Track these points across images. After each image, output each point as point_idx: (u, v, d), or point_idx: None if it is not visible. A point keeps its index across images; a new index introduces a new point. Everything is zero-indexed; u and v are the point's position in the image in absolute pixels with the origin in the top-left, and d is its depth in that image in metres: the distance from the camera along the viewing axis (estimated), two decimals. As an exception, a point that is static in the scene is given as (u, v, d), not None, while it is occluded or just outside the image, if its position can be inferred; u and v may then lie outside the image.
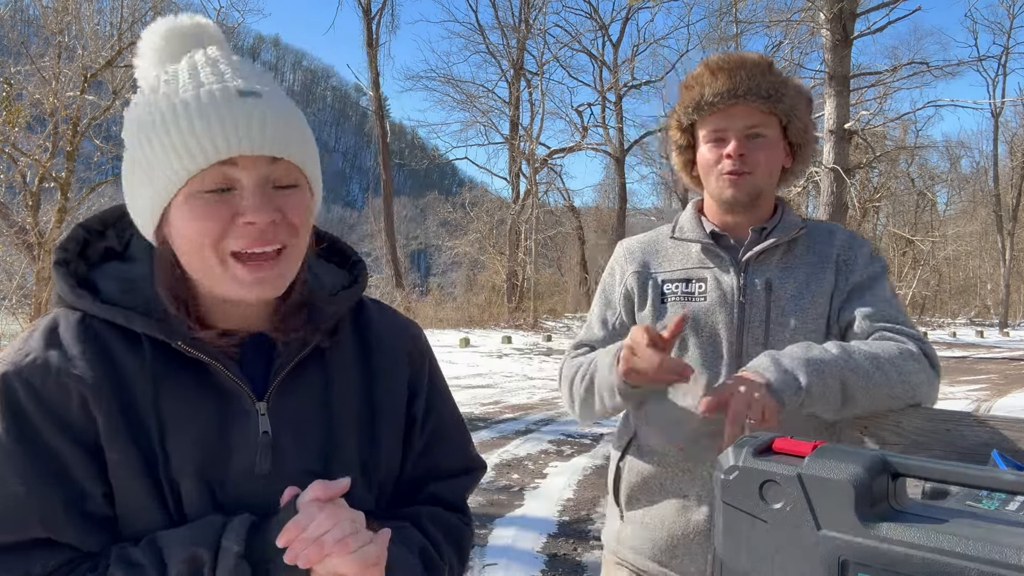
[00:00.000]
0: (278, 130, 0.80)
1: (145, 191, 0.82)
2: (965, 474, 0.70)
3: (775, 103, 1.44)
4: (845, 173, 12.34)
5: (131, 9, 17.47)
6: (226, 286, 0.81)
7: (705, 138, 1.48)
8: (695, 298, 1.48)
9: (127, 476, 0.80)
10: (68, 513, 0.78)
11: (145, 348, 0.82)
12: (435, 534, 0.96)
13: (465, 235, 30.89)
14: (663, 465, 1.48)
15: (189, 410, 0.82)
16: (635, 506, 1.54)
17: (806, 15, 13.72)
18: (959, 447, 1.24)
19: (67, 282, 0.84)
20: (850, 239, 1.51)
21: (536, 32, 29.02)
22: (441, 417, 1.04)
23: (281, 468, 0.85)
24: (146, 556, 0.77)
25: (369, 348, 0.97)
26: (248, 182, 0.79)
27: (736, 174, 1.44)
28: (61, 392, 0.78)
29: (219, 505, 0.83)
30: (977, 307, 40.35)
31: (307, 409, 0.89)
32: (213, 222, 0.78)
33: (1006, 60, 34.67)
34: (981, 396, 10.61)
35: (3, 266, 15.79)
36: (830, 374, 1.26)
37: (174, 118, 0.78)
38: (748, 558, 0.76)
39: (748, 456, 0.77)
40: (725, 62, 1.46)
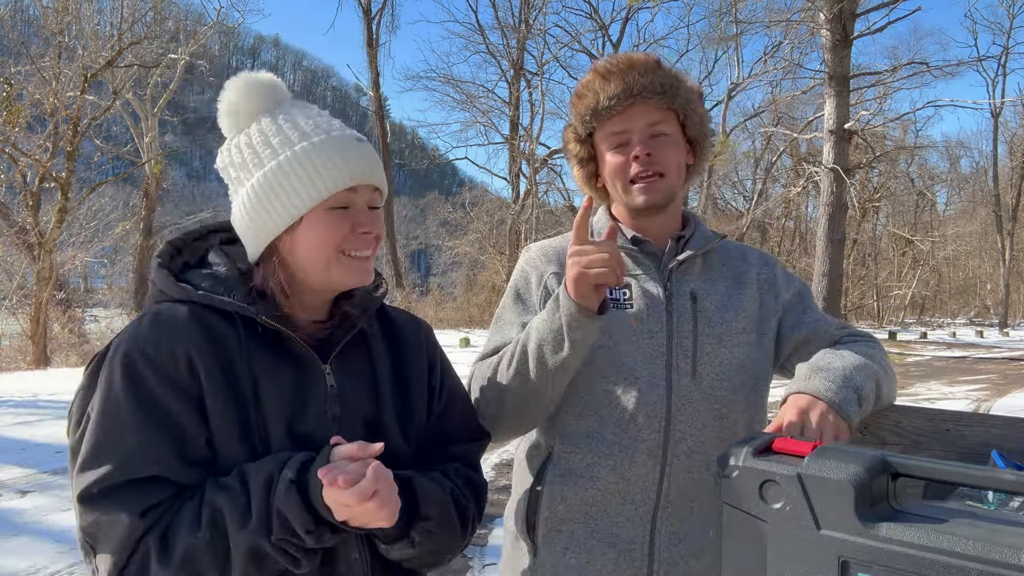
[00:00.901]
0: (376, 167, 1.12)
1: (274, 210, 1.08)
2: (965, 474, 0.70)
3: (672, 98, 1.41)
4: (845, 173, 12.35)
5: (131, 9, 17.48)
6: (342, 276, 1.10)
7: (607, 145, 1.43)
8: (621, 305, 1.41)
9: (225, 421, 1.01)
10: (176, 458, 0.99)
11: (238, 324, 1.06)
12: (459, 483, 1.18)
13: (465, 235, 30.91)
14: (590, 486, 1.36)
15: (274, 370, 1.06)
16: (555, 538, 1.39)
17: (806, 15, 13.74)
18: (959, 447, 1.24)
19: (171, 280, 1.09)
20: (763, 261, 1.52)
21: (536, 32, 29.04)
22: (451, 390, 1.28)
23: (346, 413, 1.11)
24: (234, 480, 0.99)
25: (394, 335, 1.24)
26: (361, 203, 1.11)
27: (648, 178, 1.39)
28: (171, 358, 1.00)
29: (299, 441, 1.04)
30: (977, 307, 40.38)
31: (359, 372, 1.16)
32: (339, 230, 1.08)
33: (1006, 60, 34.71)
34: (981, 396, 10.61)
35: (3, 266, 15.79)
36: (872, 378, 1.25)
37: (315, 154, 1.07)
38: (748, 558, 0.76)
39: (748, 456, 0.77)
40: (614, 65, 1.42)
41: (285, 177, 1.07)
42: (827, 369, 1.22)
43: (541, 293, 1.46)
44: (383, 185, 1.14)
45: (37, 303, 14.64)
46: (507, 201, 29.97)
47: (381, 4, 26.28)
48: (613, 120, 1.42)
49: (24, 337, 15.16)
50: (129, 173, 20.90)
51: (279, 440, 1.04)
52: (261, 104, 1.12)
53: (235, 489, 0.97)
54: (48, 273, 14.64)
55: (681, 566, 1.34)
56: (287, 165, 1.07)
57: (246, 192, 1.09)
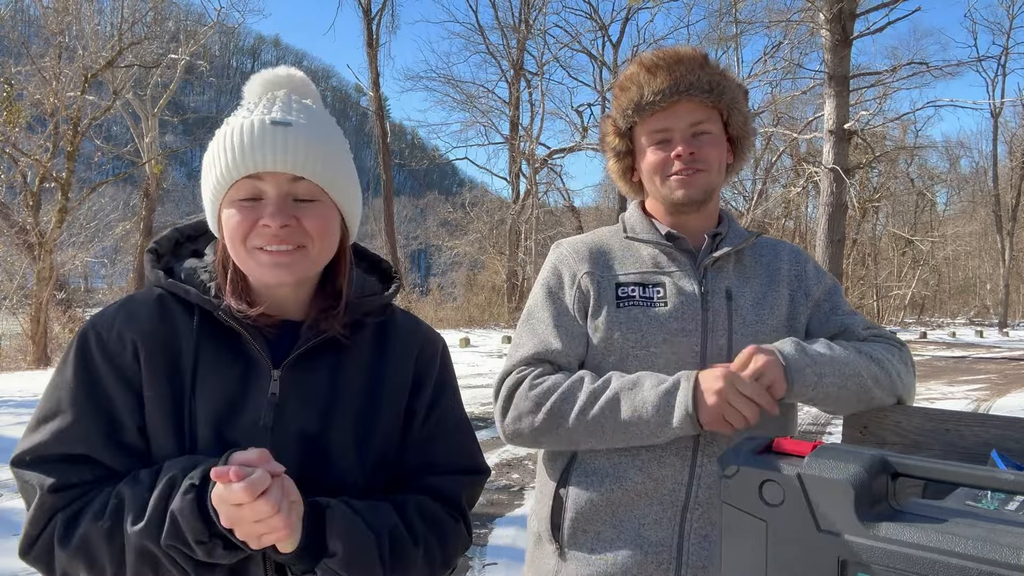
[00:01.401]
0: (298, 154, 0.99)
1: (205, 196, 1.05)
2: (965, 474, 0.70)
3: (718, 96, 1.38)
4: (845, 173, 12.35)
5: (131, 9, 17.47)
6: (253, 270, 1.02)
7: (648, 140, 1.41)
8: (655, 303, 1.37)
9: (157, 413, 0.98)
10: (106, 440, 0.97)
11: (195, 315, 1.03)
12: (414, 519, 1.05)
13: (465, 235, 30.91)
14: (617, 487, 1.33)
15: (219, 368, 1.01)
16: (581, 539, 1.35)
17: (806, 15, 13.74)
18: (959, 447, 1.24)
19: (150, 265, 1.08)
20: (795, 254, 1.49)
21: (536, 32, 29.04)
22: (445, 416, 1.15)
23: (281, 425, 1.02)
24: (148, 474, 0.95)
25: (385, 346, 1.14)
26: (271, 194, 1.00)
27: (689, 174, 1.37)
28: (120, 342, 0.99)
29: (225, 445, 0.97)
30: (977, 307, 40.37)
31: (315, 383, 1.05)
32: (242, 224, 0.99)
33: (1005, 60, 34.66)
34: (981, 396, 10.61)
35: (3, 266, 15.79)
36: (851, 374, 1.26)
37: (221, 140, 1.00)
38: (748, 558, 0.76)
39: (748, 456, 0.77)
40: (661, 59, 1.38)
41: (205, 167, 1.04)
42: (804, 345, 1.27)
43: (575, 293, 1.42)
44: (316, 173, 1.01)
45: (37, 303, 14.64)
46: (507, 201, 29.98)
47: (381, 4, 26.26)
48: (656, 117, 1.39)
49: (24, 337, 15.15)
50: (129, 173, 20.89)
51: (207, 443, 0.98)
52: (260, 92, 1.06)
53: (143, 484, 0.94)
54: (48, 273, 14.63)
55: (710, 569, 1.31)
56: (207, 155, 1.03)
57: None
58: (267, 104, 1.03)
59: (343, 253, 1.09)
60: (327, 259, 1.07)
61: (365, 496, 1.03)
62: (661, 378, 1.27)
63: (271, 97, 1.04)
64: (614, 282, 1.41)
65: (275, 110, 1.01)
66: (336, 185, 1.04)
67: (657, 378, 1.27)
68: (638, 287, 1.39)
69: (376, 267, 1.22)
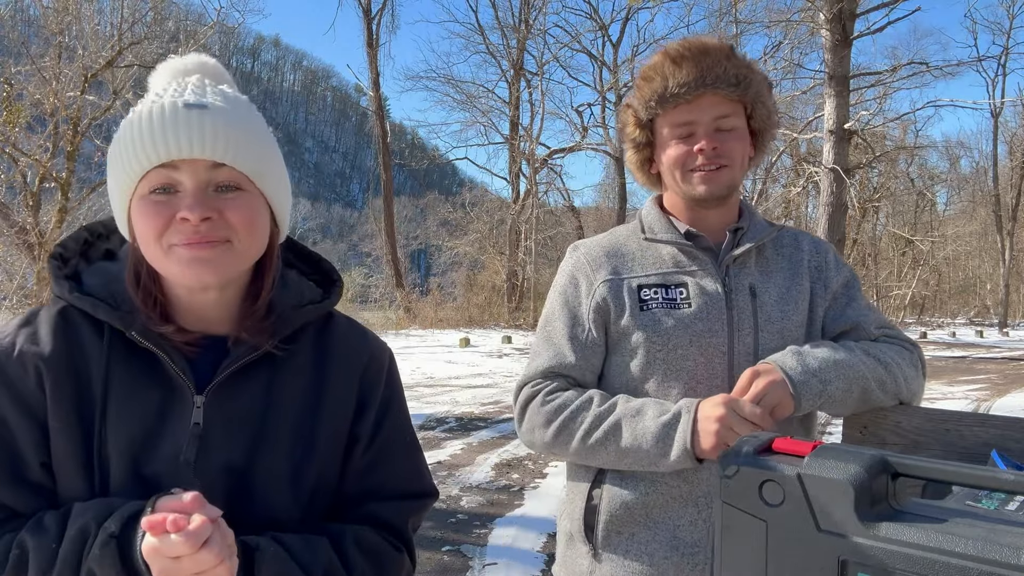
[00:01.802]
0: (218, 138, 0.88)
1: (113, 194, 0.93)
2: (965, 474, 0.70)
3: (744, 90, 1.35)
4: (845, 173, 12.34)
5: (131, 9, 17.46)
6: (171, 271, 0.89)
7: (670, 133, 1.37)
8: (678, 305, 1.35)
9: (64, 446, 0.87)
10: (4, 476, 0.87)
11: (106, 335, 0.91)
12: (351, 552, 0.95)
13: (465, 235, 30.89)
14: (651, 490, 1.32)
15: (133, 395, 0.90)
16: (615, 541, 1.35)
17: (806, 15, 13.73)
18: (959, 447, 1.24)
19: (54, 273, 0.94)
20: (815, 244, 1.47)
21: (536, 32, 29.04)
22: (390, 439, 1.04)
23: (204, 459, 0.90)
24: (54, 521, 0.84)
25: (325, 361, 1.01)
26: (189, 184, 0.88)
27: (712, 171, 1.34)
28: (20, 368, 0.88)
29: (143, 483, 0.88)
30: (977, 307, 40.35)
31: (244, 409, 0.93)
32: (156, 219, 0.88)
33: (1006, 60, 34.67)
34: (981, 396, 10.61)
35: (3, 266, 15.79)
36: (854, 379, 1.26)
37: (128, 129, 0.89)
38: (748, 558, 0.76)
39: (748, 456, 0.77)
40: (687, 49, 1.34)
41: (110, 161, 0.92)
42: (805, 353, 1.25)
43: (591, 303, 1.39)
44: (238, 159, 0.89)
45: (37, 303, 14.63)
46: (507, 201, 29.96)
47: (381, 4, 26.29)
48: (680, 109, 1.35)
49: (24, 337, 15.14)
50: (129, 173, 20.88)
51: (120, 480, 0.87)
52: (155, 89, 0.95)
53: (50, 532, 0.83)
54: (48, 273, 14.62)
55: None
56: (112, 148, 0.92)
57: None
58: (177, 88, 0.91)
59: (271, 252, 0.97)
60: (256, 256, 0.95)
61: (300, 529, 0.94)
62: (663, 408, 1.27)
63: (181, 82, 0.93)
64: (635, 285, 1.38)
65: (187, 93, 0.90)
66: (262, 173, 0.93)
67: (660, 408, 1.28)
68: (660, 288, 1.37)
69: (317, 267, 1.09)
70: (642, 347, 1.35)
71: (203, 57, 0.97)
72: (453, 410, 8.80)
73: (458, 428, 7.69)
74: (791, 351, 1.27)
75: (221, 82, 0.96)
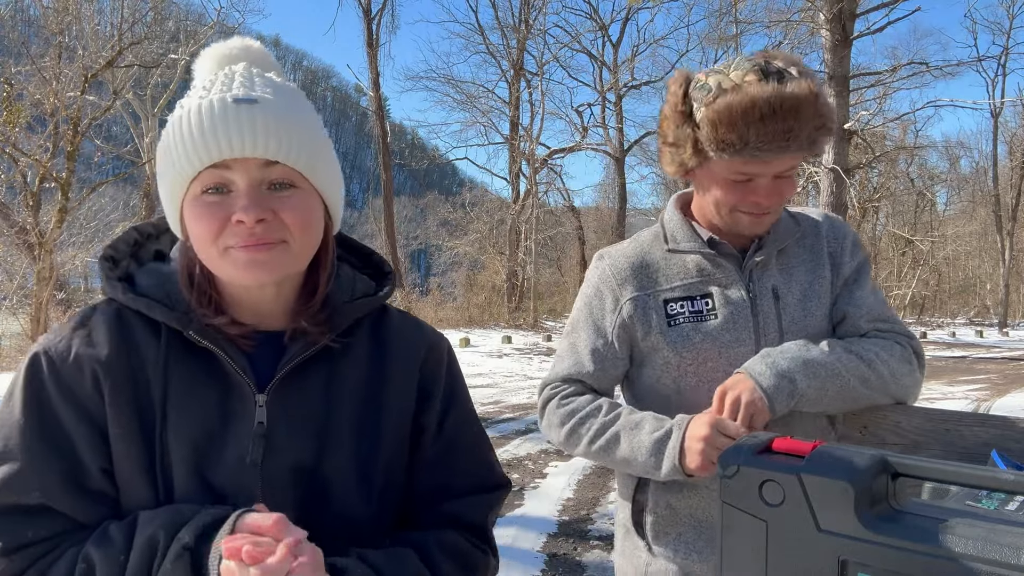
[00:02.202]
0: (270, 135, 0.84)
1: (164, 194, 0.90)
2: (965, 474, 0.70)
3: (817, 151, 1.30)
4: (845, 173, 12.34)
5: (131, 9, 17.47)
6: (228, 272, 0.87)
7: (729, 174, 1.29)
8: (705, 317, 1.36)
9: (125, 452, 0.84)
10: (65, 485, 0.83)
11: (163, 336, 0.88)
12: (440, 561, 0.92)
13: (465, 235, 30.91)
14: (693, 493, 1.37)
15: (193, 396, 0.87)
16: (664, 540, 1.40)
17: (806, 15, 13.73)
18: (959, 447, 1.24)
19: (106, 275, 0.92)
20: (833, 228, 1.44)
21: (536, 32, 29.03)
22: (458, 430, 1.01)
23: (271, 460, 0.87)
24: (120, 532, 0.81)
25: (383, 353, 0.98)
26: (241, 184, 0.85)
27: (763, 215, 1.32)
28: (77, 371, 0.85)
29: (209, 489, 0.85)
30: (977, 307, 40.35)
31: (306, 405, 0.91)
32: (210, 221, 0.85)
33: (1006, 60, 34.63)
34: (981, 396, 10.61)
35: (3, 266, 15.79)
36: (828, 375, 1.26)
37: (177, 127, 0.85)
38: (748, 558, 0.76)
39: (748, 456, 0.77)
40: (779, 105, 1.20)
41: (159, 160, 0.88)
42: (775, 354, 1.27)
43: (617, 320, 1.41)
44: (290, 156, 0.86)
45: (37, 303, 14.63)
46: (507, 201, 29.97)
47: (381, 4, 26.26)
48: (750, 164, 1.26)
49: (24, 337, 15.15)
50: (129, 173, 20.89)
51: (184, 486, 0.84)
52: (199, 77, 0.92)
53: (116, 544, 0.79)
54: (48, 273, 14.62)
55: None
56: (160, 146, 0.88)
57: None
58: (225, 81, 0.87)
59: (326, 246, 0.95)
60: (311, 253, 0.92)
61: (375, 532, 0.92)
62: (659, 424, 1.31)
63: (228, 73, 0.89)
64: (661, 299, 1.39)
65: (235, 86, 0.86)
66: (316, 169, 0.90)
67: (656, 422, 1.32)
68: (686, 301, 1.38)
69: (368, 261, 1.07)
70: (673, 363, 1.38)
71: (247, 41, 0.94)
72: (453, 410, 8.79)
73: (458, 428, 7.67)
74: (760, 355, 1.29)
75: (268, 69, 0.92)
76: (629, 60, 29.88)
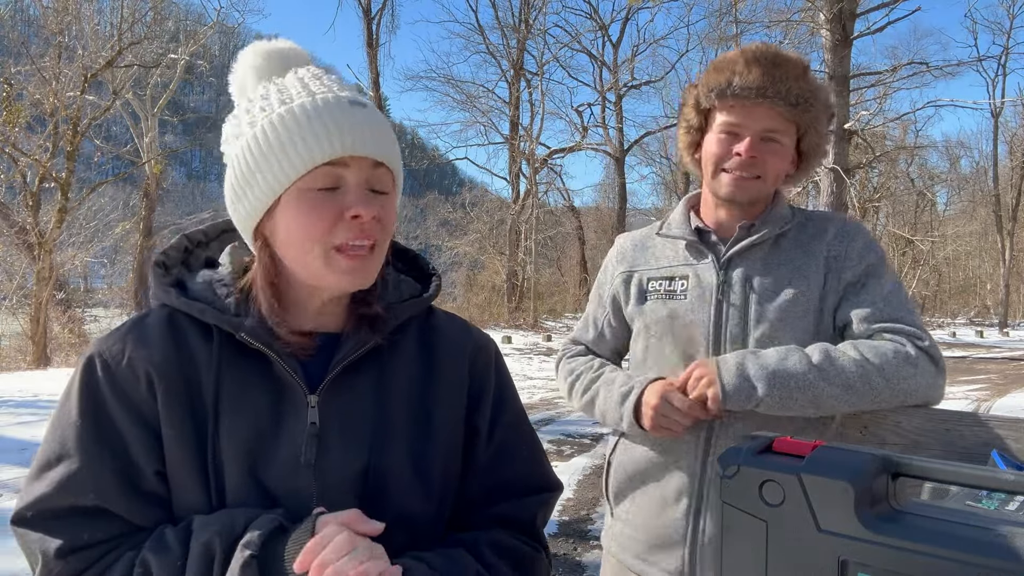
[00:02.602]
0: (380, 138, 0.88)
1: (251, 190, 0.88)
2: (965, 474, 0.70)
3: (801, 113, 1.37)
4: (845, 173, 12.33)
5: (131, 9, 17.47)
6: (327, 277, 0.88)
7: (719, 128, 1.41)
8: (676, 296, 1.46)
9: (179, 454, 0.85)
10: (120, 487, 0.83)
11: (215, 339, 0.88)
12: (493, 561, 0.92)
13: (465, 235, 30.90)
14: (645, 461, 1.48)
15: (245, 397, 0.87)
16: (621, 502, 1.54)
17: (806, 15, 13.72)
18: (959, 447, 1.24)
19: (158, 281, 0.93)
20: (841, 233, 1.43)
21: (536, 32, 29.02)
22: (510, 432, 1.02)
23: (325, 460, 0.88)
24: (176, 538, 0.81)
25: (431, 353, 0.99)
26: (353, 181, 0.87)
27: (743, 178, 1.39)
28: (131, 374, 0.85)
29: (262, 490, 0.86)
30: (977, 307, 40.35)
31: (359, 405, 0.91)
32: (322, 217, 0.85)
33: (1006, 60, 34.65)
34: (981, 396, 10.61)
35: (3, 266, 15.79)
36: (798, 387, 1.27)
37: (291, 120, 0.85)
38: (748, 558, 0.76)
39: (748, 456, 0.77)
40: (763, 55, 1.37)
41: (258, 148, 0.86)
42: (749, 357, 1.32)
43: (610, 292, 1.60)
44: (392, 161, 0.90)
45: (37, 303, 14.63)
46: (507, 201, 29.95)
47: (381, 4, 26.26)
48: (736, 110, 1.38)
49: (24, 337, 15.16)
50: (129, 173, 20.90)
51: (237, 487, 0.85)
52: (267, 71, 0.92)
53: (173, 549, 0.80)
54: (48, 273, 14.63)
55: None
56: (261, 135, 0.86)
57: (229, 168, 0.91)
58: (318, 81, 0.89)
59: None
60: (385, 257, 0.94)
61: (432, 532, 0.93)
62: (626, 380, 1.46)
63: (310, 75, 0.91)
64: (645, 278, 1.54)
65: (336, 89, 0.89)
66: (400, 175, 0.94)
67: (624, 380, 1.47)
68: (665, 281, 1.50)
69: (413, 264, 1.08)
70: (642, 333, 1.53)
71: (292, 44, 0.95)
72: (453, 410, 8.78)
73: (458, 428, 7.67)
74: (738, 353, 1.34)
75: (332, 77, 0.94)
76: (629, 60, 29.90)
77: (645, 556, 1.46)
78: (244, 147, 0.87)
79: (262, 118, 0.87)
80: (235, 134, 0.90)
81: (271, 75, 0.92)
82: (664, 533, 1.43)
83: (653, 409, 1.35)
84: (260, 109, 0.88)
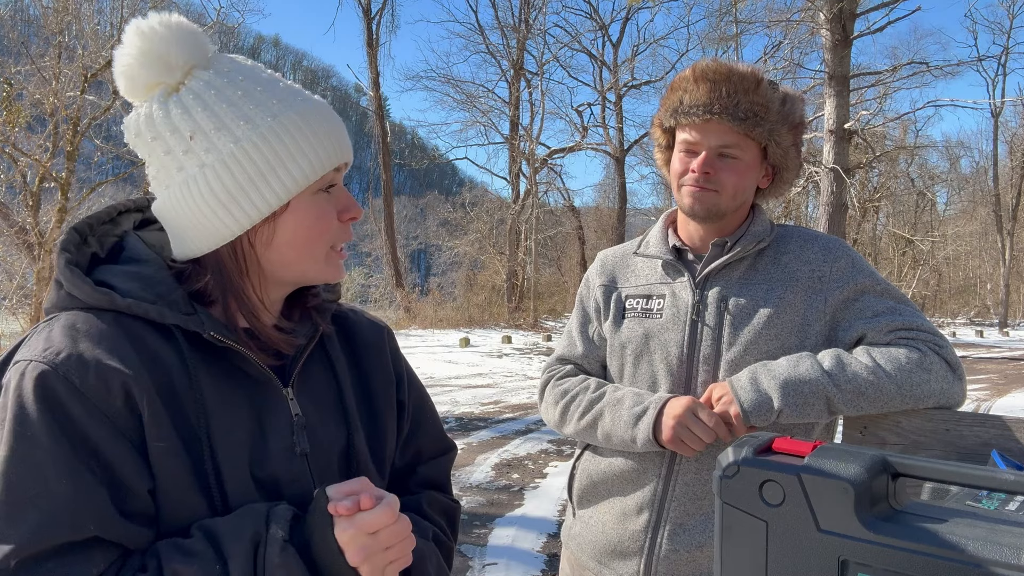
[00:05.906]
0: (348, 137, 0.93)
1: (254, 195, 0.84)
2: (965, 474, 0.70)
3: (751, 127, 1.35)
4: (845, 173, 12.34)
5: (131, 9, 17.47)
6: (324, 273, 0.92)
7: (679, 146, 1.44)
8: (652, 315, 1.46)
9: (173, 464, 0.80)
10: (113, 513, 0.77)
11: (179, 339, 0.84)
12: (438, 519, 1.04)
13: (465, 235, 30.90)
14: (610, 472, 1.49)
15: (226, 397, 0.86)
16: (584, 506, 1.56)
17: (806, 15, 13.71)
18: (959, 447, 1.24)
19: (83, 281, 0.84)
20: (824, 252, 1.40)
21: (536, 32, 29.03)
22: (419, 402, 1.12)
23: (316, 447, 0.92)
24: (201, 542, 0.79)
25: (354, 344, 1.05)
26: (340, 182, 0.92)
27: (699, 189, 1.39)
28: (102, 386, 0.78)
29: (260, 484, 0.86)
30: (977, 307, 40.34)
31: (323, 392, 0.97)
32: (329, 218, 0.90)
33: (1006, 60, 34.68)
34: (981, 396, 10.61)
35: (3, 266, 15.79)
36: (812, 393, 1.27)
37: (306, 127, 0.85)
38: (748, 558, 0.76)
39: (748, 456, 0.77)
40: (711, 72, 1.37)
41: (271, 151, 0.83)
42: (760, 370, 1.32)
43: (592, 304, 1.59)
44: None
45: (37, 303, 14.63)
46: (507, 201, 29.95)
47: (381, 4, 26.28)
48: (688, 128, 1.40)
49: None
50: (129, 173, 20.89)
51: (238, 487, 0.84)
52: (193, 57, 0.86)
53: (204, 555, 0.77)
54: (48, 273, 14.62)
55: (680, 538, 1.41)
56: (276, 141, 0.83)
57: (204, 174, 0.84)
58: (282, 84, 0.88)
59: None
60: None
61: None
62: (639, 399, 1.41)
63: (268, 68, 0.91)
64: (624, 295, 1.53)
65: (299, 87, 0.89)
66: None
67: (635, 399, 1.42)
68: (642, 299, 1.50)
69: None
70: (617, 351, 1.52)
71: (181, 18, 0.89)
72: (453, 410, 8.80)
73: (458, 428, 7.69)
74: (749, 368, 1.33)
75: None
76: (629, 60, 29.88)
77: (602, 559, 1.49)
78: (239, 152, 0.83)
79: (263, 120, 0.84)
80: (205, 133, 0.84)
81: (196, 61, 0.86)
82: (622, 543, 1.45)
83: (675, 419, 1.33)
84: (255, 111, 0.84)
